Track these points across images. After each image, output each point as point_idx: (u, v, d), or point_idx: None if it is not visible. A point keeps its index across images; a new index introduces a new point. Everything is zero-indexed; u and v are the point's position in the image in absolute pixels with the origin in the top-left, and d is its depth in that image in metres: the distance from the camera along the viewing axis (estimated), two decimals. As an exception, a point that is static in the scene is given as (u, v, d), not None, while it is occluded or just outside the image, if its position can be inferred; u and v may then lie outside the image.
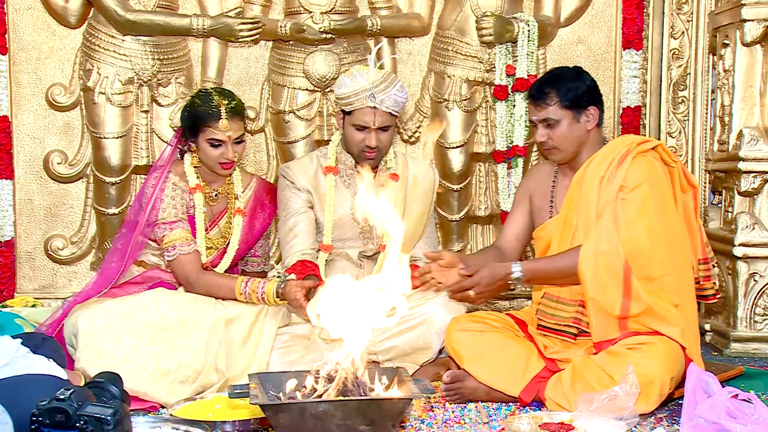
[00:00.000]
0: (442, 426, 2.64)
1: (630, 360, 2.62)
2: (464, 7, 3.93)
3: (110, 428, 2.01)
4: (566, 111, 2.92)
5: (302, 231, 3.24)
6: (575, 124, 2.93)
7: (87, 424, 2.00)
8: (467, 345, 2.92)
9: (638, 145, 2.90)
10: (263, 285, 3.03)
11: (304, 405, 2.27)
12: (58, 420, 2.01)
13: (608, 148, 2.93)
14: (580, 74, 3.00)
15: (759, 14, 3.61)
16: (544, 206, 3.07)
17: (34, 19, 3.90)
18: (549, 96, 2.92)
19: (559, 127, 2.92)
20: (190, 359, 2.92)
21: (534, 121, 2.98)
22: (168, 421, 2.54)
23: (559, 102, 2.91)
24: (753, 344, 3.59)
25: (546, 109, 2.92)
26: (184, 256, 3.10)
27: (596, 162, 2.90)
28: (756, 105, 3.73)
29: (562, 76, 2.97)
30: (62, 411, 2.01)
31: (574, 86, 2.93)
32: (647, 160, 2.88)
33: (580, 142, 2.95)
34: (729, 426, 2.27)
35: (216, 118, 3.08)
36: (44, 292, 3.96)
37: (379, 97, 3.11)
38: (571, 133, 2.93)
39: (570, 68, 3.07)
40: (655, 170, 2.87)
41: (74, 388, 2.06)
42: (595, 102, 2.97)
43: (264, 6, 3.92)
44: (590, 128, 2.96)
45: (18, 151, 3.93)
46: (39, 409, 2.01)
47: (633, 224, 2.77)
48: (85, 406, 2.04)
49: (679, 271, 2.84)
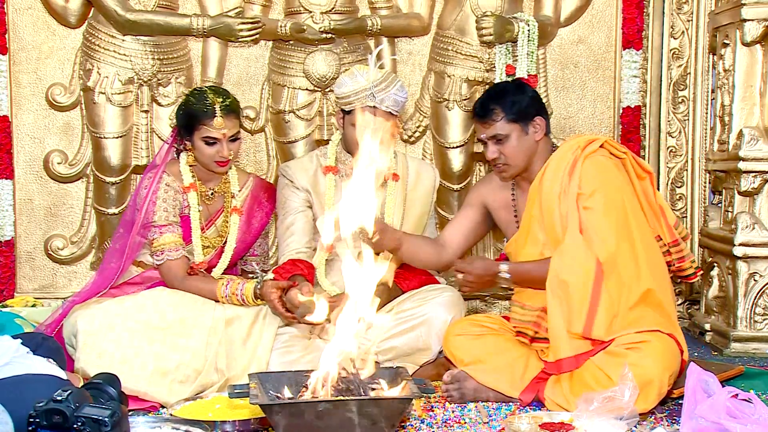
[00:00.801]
0: (442, 426, 2.64)
1: (628, 360, 2.62)
2: (464, 7, 3.92)
3: (108, 429, 2.02)
4: (513, 125, 2.92)
5: (298, 230, 3.24)
6: (524, 137, 2.94)
7: (84, 425, 2.00)
8: (466, 349, 2.93)
9: (584, 150, 2.89)
10: (242, 286, 3.03)
11: (304, 405, 2.27)
12: (56, 421, 2.01)
13: (557, 158, 2.92)
14: (521, 87, 3.02)
15: (759, 14, 3.61)
16: (510, 219, 3.08)
17: (34, 18, 3.89)
18: (494, 112, 2.92)
19: (509, 142, 2.92)
20: (190, 359, 2.92)
21: (483, 139, 2.98)
22: (168, 421, 2.54)
23: (505, 116, 2.92)
24: (753, 344, 3.59)
25: (493, 125, 2.93)
26: (171, 262, 3.10)
27: (550, 174, 2.90)
28: (756, 105, 3.72)
29: (505, 91, 2.98)
30: (59, 412, 2.01)
31: (517, 99, 2.93)
32: (596, 160, 2.88)
33: (530, 153, 2.96)
34: (729, 426, 2.27)
35: (211, 116, 3.08)
36: (44, 292, 3.96)
37: (378, 97, 3.11)
38: (521, 146, 2.93)
39: (510, 82, 3.12)
40: (607, 169, 2.87)
41: (72, 389, 2.07)
42: (540, 112, 2.98)
43: (264, 6, 3.91)
44: (538, 138, 2.96)
45: (18, 151, 3.93)
46: (36, 411, 2.01)
47: (602, 229, 2.77)
48: (83, 408, 2.04)
49: (652, 260, 2.84)
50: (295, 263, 3.15)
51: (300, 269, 3.12)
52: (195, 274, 3.14)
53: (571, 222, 2.81)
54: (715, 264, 3.81)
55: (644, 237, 2.85)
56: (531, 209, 2.94)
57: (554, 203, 2.86)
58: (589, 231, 2.79)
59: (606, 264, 2.74)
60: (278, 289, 2.95)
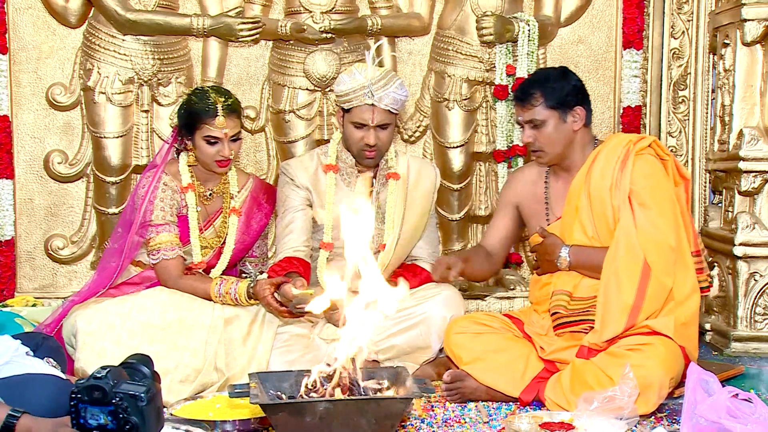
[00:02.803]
0: (442, 426, 2.64)
1: (629, 361, 2.61)
2: (464, 7, 3.92)
3: (144, 405, 2.11)
4: (552, 111, 2.91)
5: (297, 228, 3.22)
6: (561, 125, 2.92)
7: (122, 400, 2.10)
8: (466, 347, 2.92)
9: (635, 144, 2.90)
10: (236, 285, 3.03)
11: (304, 405, 2.27)
12: (96, 397, 2.10)
13: (607, 151, 2.92)
14: (565, 74, 2.99)
15: (759, 14, 3.61)
16: (540, 210, 3.07)
17: (34, 18, 3.90)
18: (534, 96, 2.91)
19: (545, 128, 2.91)
20: (189, 358, 2.92)
21: (520, 122, 2.98)
22: (168, 421, 2.53)
23: (544, 102, 2.90)
24: (753, 344, 3.59)
25: (531, 109, 2.92)
26: (166, 261, 3.10)
27: (599, 165, 2.90)
28: (756, 104, 3.72)
29: (548, 77, 2.96)
30: (99, 389, 2.10)
31: (559, 86, 2.92)
32: (647, 159, 2.89)
33: (567, 142, 2.94)
34: (729, 426, 2.26)
35: (212, 115, 3.08)
36: (44, 291, 3.96)
37: (377, 95, 3.10)
38: (558, 134, 2.92)
39: (556, 68, 3.07)
40: (657, 168, 2.88)
41: (110, 367, 2.16)
42: (582, 102, 2.96)
43: (264, 6, 3.91)
44: (577, 128, 2.94)
45: (18, 151, 3.94)
46: (78, 387, 2.11)
47: (658, 225, 2.78)
48: (120, 384, 2.13)
49: (690, 263, 2.86)
50: (290, 261, 3.14)
51: (295, 267, 3.09)
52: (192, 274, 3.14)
53: (624, 216, 2.81)
54: (716, 264, 3.80)
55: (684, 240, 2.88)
56: (576, 200, 2.93)
57: (606, 194, 2.86)
58: (645, 227, 2.79)
59: (658, 263, 2.76)
60: (272, 286, 2.93)
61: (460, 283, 3.72)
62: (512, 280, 4.06)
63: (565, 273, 2.94)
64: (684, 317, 2.80)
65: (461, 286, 3.85)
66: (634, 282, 2.75)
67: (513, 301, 3.99)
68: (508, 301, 4.00)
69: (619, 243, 2.79)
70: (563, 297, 2.93)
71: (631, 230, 2.79)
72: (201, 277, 3.13)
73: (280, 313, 2.95)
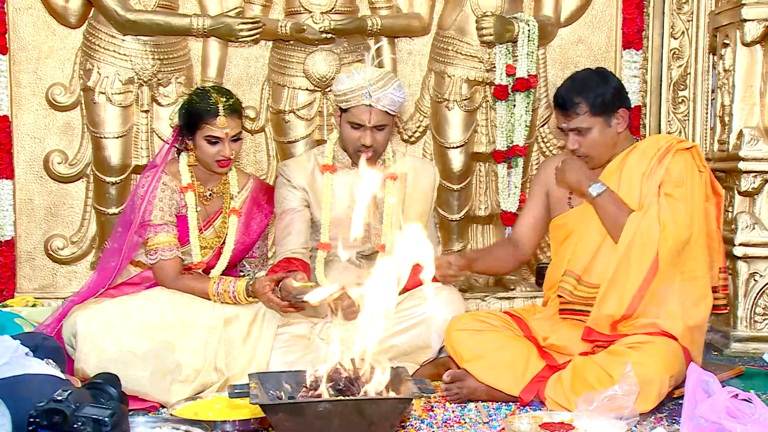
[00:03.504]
0: (442, 426, 2.64)
1: (629, 359, 2.62)
2: (464, 7, 3.93)
3: (108, 429, 2.01)
4: (597, 118, 2.88)
5: (295, 229, 3.22)
6: (606, 129, 2.90)
7: (84, 425, 2.00)
8: (467, 345, 2.92)
9: (679, 142, 2.91)
10: (234, 284, 3.03)
11: (304, 405, 2.27)
12: (56, 421, 2.00)
13: (647, 144, 2.93)
14: (606, 77, 2.94)
15: (759, 14, 3.62)
16: (563, 197, 3.06)
17: (34, 18, 3.90)
18: (579, 105, 2.87)
19: (591, 135, 2.89)
20: (189, 359, 2.92)
21: (564, 128, 2.94)
22: (168, 421, 2.54)
23: (589, 111, 2.87)
24: (753, 344, 3.59)
25: (576, 118, 2.88)
26: (164, 261, 3.09)
27: (636, 157, 2.90)
28: (756, 105, 3.73)
29: (589, 82, 2.90)
30: (60, 412, 2.01)
31: (601, 92, 2.88)
32: (686, 158, 2.88)
33: (612, 144, 2.93)
34: (729, 426, 2.26)
35: (214, 115, 3.08)
36: (44, 291, 3.96)
37: (375, 96, 3.10)
38: (603, 138, 2.91)
39: (594, 71, 2.99)
40: (694, 170, 2.88)
41: (72, 389, 2.06)
42: (623, 103, 2.94)
43: (264, 6, 3.92)
44: (621, 130, 2.93)
45: (18, 151, 3.93)
46: (36, 410, 2.01)
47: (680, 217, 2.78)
48: (83, 408, 2.04)
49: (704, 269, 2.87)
50: (290, 261, 3.13)
51: (295, 266, 3.09)
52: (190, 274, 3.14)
53: (651, 207, 2.81)
54: (729, 274, 3.81)
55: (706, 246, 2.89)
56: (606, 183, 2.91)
57: (636, 180, 2.86)
58: (664, 216, 2.79)
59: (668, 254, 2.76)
60: (272, 282, 2.92)
61: (460, 283, 3.72)
62: (512, 280, 4.07)
63: (581, 249, 2.93)
64: (693, 321, 2.81)
65: (461, 286, 3.85)
66: (643, 270, 2.76)
67: (513, 301, 4.00)
68: (508, 301, 4.01)
69: (639, 232, 2.79)
70: (571, 280, 2.93)
71: (654, 224, 2.78)
72: (198, 277, 3.13)
73: (282, 308, 2.93)
